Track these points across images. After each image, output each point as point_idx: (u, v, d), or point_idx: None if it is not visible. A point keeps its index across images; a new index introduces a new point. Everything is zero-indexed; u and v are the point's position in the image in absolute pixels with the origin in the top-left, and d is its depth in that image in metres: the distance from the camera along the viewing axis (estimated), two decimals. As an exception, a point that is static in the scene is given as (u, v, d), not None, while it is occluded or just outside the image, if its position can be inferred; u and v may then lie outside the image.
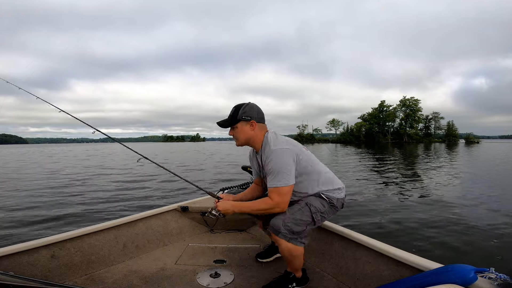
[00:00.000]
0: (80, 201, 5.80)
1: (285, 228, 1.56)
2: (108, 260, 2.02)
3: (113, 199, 5.96)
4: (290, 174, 1.55)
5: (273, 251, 2.13)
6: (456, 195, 6.55)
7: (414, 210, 5.12)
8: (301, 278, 1.76)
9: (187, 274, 1.91)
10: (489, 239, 3.69)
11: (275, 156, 1.56)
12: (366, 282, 1.69)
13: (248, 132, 1.66)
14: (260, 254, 2.15)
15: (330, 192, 1.71)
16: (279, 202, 1.56)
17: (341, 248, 1.95)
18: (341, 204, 1.77)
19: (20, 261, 1.67)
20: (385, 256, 1.63)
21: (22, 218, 4.69)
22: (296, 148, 1.64)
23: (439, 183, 8.28)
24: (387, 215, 4.73)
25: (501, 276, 1.08)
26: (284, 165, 1.54)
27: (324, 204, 1.68)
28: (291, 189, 1.58)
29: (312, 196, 1.69)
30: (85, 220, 4.42)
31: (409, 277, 1.41)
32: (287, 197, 1.57)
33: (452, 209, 5.20)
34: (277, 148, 1.58)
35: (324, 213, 1.68)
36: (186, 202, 2.69)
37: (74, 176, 10.38)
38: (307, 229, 1.63)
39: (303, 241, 1.62)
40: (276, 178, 1.54)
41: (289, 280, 1.72)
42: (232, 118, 1.65)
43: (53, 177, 10.22)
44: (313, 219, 1.63)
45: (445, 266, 1.27)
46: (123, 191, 6.97)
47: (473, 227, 4.17)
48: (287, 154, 1.57)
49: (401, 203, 5.80)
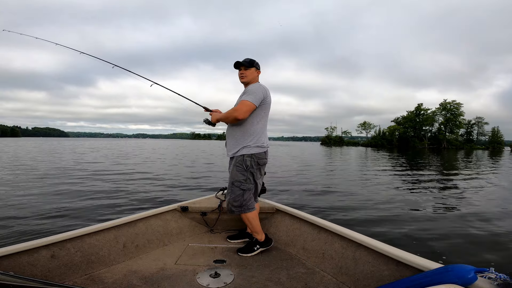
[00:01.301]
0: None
1: (232, 206, 2.18)
2: (108, 260, 2.01)
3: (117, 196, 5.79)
4: (257, 98, 2.08)
5: (243, 235, 2.51)
6: (483, 204, 6.13)
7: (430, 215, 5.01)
8: (263, 241, 2.26)
9: (187, 274, 1.91)
10: (489, 239, 3.74)
11: (256, 85, 2.16)
12: (366, 282, 1.70)
13: (254, 75, 2.25)
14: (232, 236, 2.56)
15: (253, 148, 2.14)
16: (238, 109, 2.06)
17: (341, 248, 1.96)
18: (263, 158, 2.21)
19: (20, 261, 1.66)
20: (385, 256, 1.64)
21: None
22: (268, 96, 2.19)
23: (468, 191, 7.81)
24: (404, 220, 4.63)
25: (501, 276, 1.08)
26: (256, 91, 2.10)
27: (243, 173, 2.13)
28: (251, 106, 2.07)
29: (234, 169, 2.15)
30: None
31: (409, 277, 1.42)
32: (245, 108, 2.06)
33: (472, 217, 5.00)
34: (262, 85, 2.20)
35: (246, 179, 2.15)
36: (186, 202, 2.70)
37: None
38: (247, 197, 2.16)
39: (249, 208, 2.19)
40: (248, 95, 2.09)
41: (253, 243, 2.25)
42: (250, 63, 2.23)
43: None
44: (243, 190, 2.15)
45: (445, 266, 1.28)
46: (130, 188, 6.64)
47: (475, 227, 4.21)
48: (264, 90, 2.15)
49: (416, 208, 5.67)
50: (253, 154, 2.13)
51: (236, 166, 2.15)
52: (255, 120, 2.15)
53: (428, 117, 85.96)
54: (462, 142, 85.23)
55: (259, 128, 2.17)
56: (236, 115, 2.06)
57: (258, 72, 2.27)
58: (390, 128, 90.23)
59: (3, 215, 4.16)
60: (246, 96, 2.09)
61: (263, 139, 2.20)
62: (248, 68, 2.22)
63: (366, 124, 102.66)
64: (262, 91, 2.12)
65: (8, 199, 5.19)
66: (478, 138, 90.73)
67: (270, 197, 2.92)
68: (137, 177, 8.58)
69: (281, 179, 8.89)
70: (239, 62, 2.23)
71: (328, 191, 7.02)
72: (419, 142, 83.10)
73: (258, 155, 2.16)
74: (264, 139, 2.21)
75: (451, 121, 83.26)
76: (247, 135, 2.15)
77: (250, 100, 2.06)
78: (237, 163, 2.15)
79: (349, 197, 6.31)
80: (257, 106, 2.10)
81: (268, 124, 2.29)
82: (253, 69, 2.23)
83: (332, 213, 4.89)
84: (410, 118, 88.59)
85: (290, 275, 1.91)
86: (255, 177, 2.20)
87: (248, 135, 2.15)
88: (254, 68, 2.23)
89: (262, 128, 2.20)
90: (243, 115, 2.06)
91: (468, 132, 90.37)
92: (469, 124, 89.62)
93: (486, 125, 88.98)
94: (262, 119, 2.19)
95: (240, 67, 2.24)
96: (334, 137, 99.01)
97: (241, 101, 2.09)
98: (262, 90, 2.13)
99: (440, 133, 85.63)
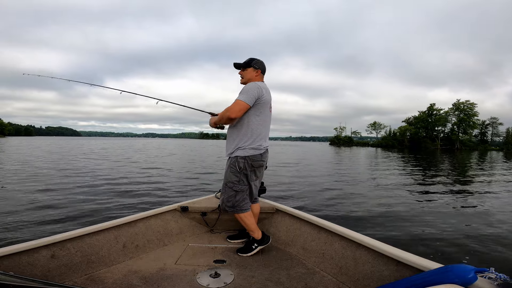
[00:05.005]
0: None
1: (226, 206, 2.19)
2: (108, 260, 2.01)
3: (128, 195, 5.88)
4: (250, 97, 2.03)
5: (243, 235, 2.48)
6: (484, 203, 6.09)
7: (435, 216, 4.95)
8: (261, 239, 2.23)
9: (187, 274, 1.91)
10: (489, 239, 3.70)
11: (251, 85, 2.09)
12: (366, 282, 1.69)
13: (251, 75, 2.21)
14: (232, 236, 2.54)
15: (247, 150, 2.10)
16: (230, 108, 2.03)
17: (341, 248, 1.94)
18: (259, 159, 2.16)
19: (20, 261, 1.66)
20: (385, 256, 1.63)
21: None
22: (264, 94, 2.11)
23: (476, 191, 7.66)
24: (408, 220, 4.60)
25: (501, 276, 1.06)
26: (250, 90, 2.05)
27: (237, 175, 2.11)
28: (245, 106, 2.03)
29: (228, 170, 2.15)
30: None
31: (409, 277, 1.41)
32: (237, 107, 2.02)
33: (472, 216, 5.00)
34: (257, 83, 2.12)
35: (239, 181, 2.13)
36: (186, 202, 2.69)
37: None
38: (239, 198, 2.15)
39: (242, 209, 2.17)
40: (241, 94, 2.06)
41: (251, 242, 2.24)
42: (247, 64, 2.21)
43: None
44: (235, 191, 2.14)
45: (445, 266, 1.26)
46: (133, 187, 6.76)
47: (473, 228, 4.19)
48: (258, 88, 2.08)
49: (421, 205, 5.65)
50: (247, 156, 2.09)
51: (230, 167, 2.14)
52: (251, 120, 2.10)
53: (441, 118, 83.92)
54: (476, 143, 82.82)
55: (255, 128, 2.11)
56: (229, 115, 2.03)
57: (257, 71, 2.22)
58: (401, 128, 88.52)
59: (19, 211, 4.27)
60: (239, 95, 2.07)
61: (260, 140, 2.14)
62: (245, 69, 2.22)
63: (376, 124, 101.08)
64: (256, 90, 2.07)
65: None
66: (493, 139, 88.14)
67: (270, 197, 2.90)
68: (138, 177, 8.66)
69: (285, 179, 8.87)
70: (236, 63, 2.24)
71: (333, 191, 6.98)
72: (431, 143, 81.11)
73: (253, 157, 2.11)
74: (262, 140, 2.15)
75: (465, 122, 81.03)
76: (242, 136, 2.11)
77: (243, 99, 2.02)
78: (231, 164, 2.13)
79: (350, 197, 6.28)
80: (251, 105, 2.05)
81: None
82: (251, 69, 2.20)
83: (333, 213, 4.87)
84: (422, 118, 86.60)
85: (290, 275, 1.90)
86: (249, 179, 2.17)
87: (243, 136, 2.11)
88: (251, 68, 2.20)
89: (259, 128, 2.13)
90: (235, 114, 2.03)
91: (482, 132, 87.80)
92: (483, 124, 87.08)
93: (501, 125, 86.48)
94: (259, 119, 2.13)
95: (239, 68, 2.25)
96: (343, 138, 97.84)
97: (235, 101, 2.07)
98: (257, 89, 2.07)
99: (453, 133, 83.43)
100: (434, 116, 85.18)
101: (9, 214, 4.29)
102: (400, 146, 78.14)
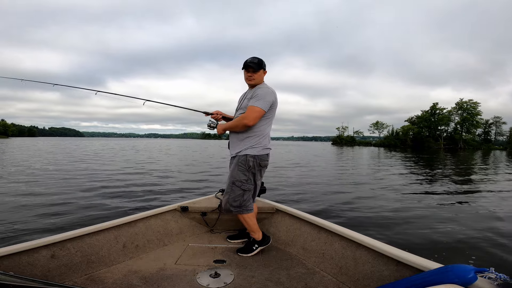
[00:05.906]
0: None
1: (230, 206, 2.15)
2: (108, 260, 2.02)
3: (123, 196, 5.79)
4: (266, 104, 2.05)
5: (243, 235, 2.48)
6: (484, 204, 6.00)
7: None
8: (261, 240, 2.24)
9: (187, 274, 1.91)
10: (489, 239, 3.69)
11: (265, 90, 2.09)
12: (366, 282, 1.68)
13: (262, 77, 2.20)
14: (232, 236, 2.55)
15: (258, 149, 2.11)
16: (248, 115, 2.03)
17: (341, 248, 1.94)
18: (265, 159, 2.19)
19: (20, 261, 1.66)
20: (385, 256, 1.62)
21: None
22: (276, 100, 2.16)
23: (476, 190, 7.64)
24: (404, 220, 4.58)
25: (501, 276, 1.06)
26: (267, 96, 2.06)
27: (245, 173, 2.11)
28: (261, 113, 2.04)
29: (236, 168, 2.12)
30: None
31: (409, 277, 1.40)
32: (255, 114, 2.02)
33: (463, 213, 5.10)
34: (270, 88, 2.15)
35: (247, 179, 2.13)
36: (186, 202, 2.69)
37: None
38: (245, 199, 2.15)
39: (248, 209, 2.18)
40: (257, 100, 2.04)
41: (252, 243, 2.24)
42: (259, 65, 2.15)
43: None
44: (243, 190, 2.14)
45: (445, 266, 1.26)
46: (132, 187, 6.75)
47: (473, 227, 4.16)
48: (273, 94, 2.12)
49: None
50: (256, 155, 2.12)
51: (238, 166, 2.13)
52: (261, 122, 2.14)
53: (444, 117, 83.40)
54: (479, 142, 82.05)
55: (264, 129, 2.15)
56: (246, 122, 2.03)
57: (265, 73, 2.23)
58: (404, 128, 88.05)
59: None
60: (255, 101, 2.05)
61: (267, 141, 2.19)
62: (256, 71, 2.15)
63: (378, 124, 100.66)
64: (271, 96, 2.10)
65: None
66: (496, 138, 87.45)
67: (270, 197, 2.90)
68: (138, 177, 8.68)
69: (285, 179, 8.86)
70: (248, 65, 2.15)
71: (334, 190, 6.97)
72: (435, 142, 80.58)
73: (261, 156, 2.14)
74: (268, 141, 2.20)
75: (468, 121, 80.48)
76: (252, 136, 2.12)
77: (260, 106, 2.02)
78: (240, 162, 2.12)
79: (350, 197, 6.27)
80: (267, 111, 2.08)
81: (277, 124, 2.24)
82: (261, 71, 2.18)
83: (332, 213, 4.86)
84: (425, 118, 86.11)
85: (290, 275, 1.90)
86: (256, 178, 2.19)
87: (253, 136, 2.12)
88: (262, 70, 2.19)
89: (267, 129, 2.18)
90: (253, 122, 2.04)
91: (486, 132, 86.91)
92: (487, 123, 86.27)
93: (504, 124, 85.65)
94: (268, 121, 2.18)
95: (248, 69, 2.16)
96: (345, 137, 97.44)
97: (250, 107, 2.05)
98: (272, 94, 2.10)
99: (456, 133, 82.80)
100: (437, 116, 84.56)
101: (9, 214, 4.31)
102: (402, 146, 77.65)
